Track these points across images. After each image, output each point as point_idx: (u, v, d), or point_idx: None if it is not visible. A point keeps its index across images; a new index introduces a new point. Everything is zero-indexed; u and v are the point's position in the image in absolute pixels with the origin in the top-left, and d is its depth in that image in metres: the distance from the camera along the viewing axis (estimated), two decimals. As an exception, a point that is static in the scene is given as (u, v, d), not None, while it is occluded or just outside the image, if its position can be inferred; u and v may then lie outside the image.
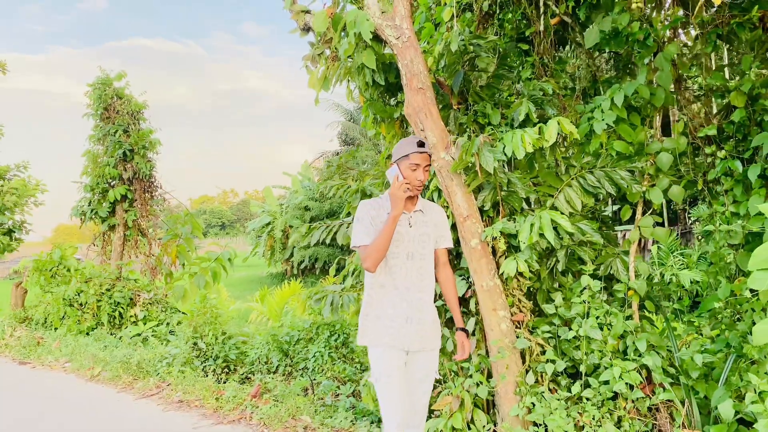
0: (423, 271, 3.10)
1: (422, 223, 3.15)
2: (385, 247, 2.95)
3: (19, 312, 10.33)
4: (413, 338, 3.03)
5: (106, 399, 5.89)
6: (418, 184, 3.07)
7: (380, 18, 4.04)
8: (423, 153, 3.07)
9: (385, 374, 2.99)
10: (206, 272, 7.17)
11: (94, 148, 10.31)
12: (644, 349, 3.82)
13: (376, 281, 3.08)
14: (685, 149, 4.17)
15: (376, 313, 3.06)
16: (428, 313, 3.10)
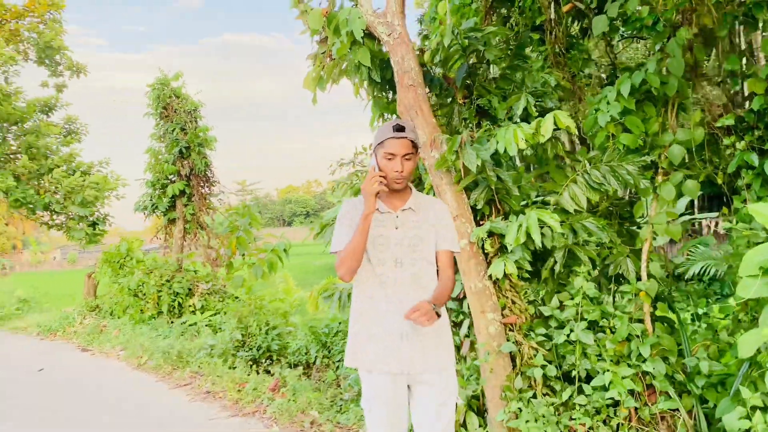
0: (417, 279, 2.59)
1: (413, 224, 2.63)
2: (357, 252, 2.50)
3: (91, 301, 11.05)
4: (412, 358, 2.51)
5: (143, 387, 6.22)
6: (396, 177, 2.53)
7: (373, 15, 4.00)
8: (401, 139, 2.52)
9: (375, 405, 2.56)
10: (263, 263, 7.41)
11: (155, 145, 10.82)
12: (648, 354, 3.63)
13: (365, 292, 2.61)
14: (702, 141, 3.90)
15: (366, 330, 2.58)
16: (430, 327, 2.48)
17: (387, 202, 2.65)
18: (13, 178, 14.51)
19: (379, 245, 2.59)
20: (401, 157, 2.53)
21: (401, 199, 2.66)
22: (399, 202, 2.66)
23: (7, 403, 5.81)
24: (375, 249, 2.59)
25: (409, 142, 2.55)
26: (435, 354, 2.57)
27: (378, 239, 2.59)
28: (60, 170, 14.71)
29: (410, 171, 2.57)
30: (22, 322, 11.52)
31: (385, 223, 2.62)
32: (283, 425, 4.62)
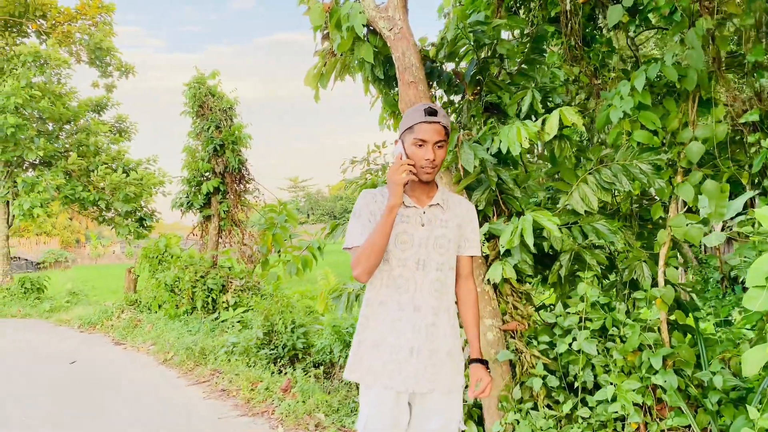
0: (439, 286, 2.31)
1: (440, 222, 2.34)
2: (379, 249, 2.20)
3: (130, 295, 11.33)
4: (420, 377, 2.25)
5: (165, 382, 6.30)
6: (426, 166, 2.24)
7: (374, 10, 3.89)
8: (433, 123, 2.23)
9: (372, 424, 2.28)
10: (297, 260, 7.42)
11: (191, 143, 11.00)
12: (659, 365, 3.40)
13: (377, 296, 2.33)
14: (724, 138, 3.64)
15: (373, 339, 2.30)
16: (443, 343, 2.30)
17: (412, 196, 2.35)
18: (64, 175, 15.04)
19: (401, 243, 2.29)
20: (433, 144, 2.23)
21: (428, 193, 2.36)
22: (425, 196, 2.36)
23: (36, 393, 5.98)
24: (396, 247, 2.29)
25: (441, 128, 2.26)
26: (444, 374, 2.30)
27: (401, 236, 2.29)
28: (104, 167, 15.14)
29: (442, 159, 2.29)
30: (67, 314, 11.92)
31: (409, 218, 2.32)
32: (288, 427, 4.57)
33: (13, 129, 13.38)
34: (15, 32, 17.07)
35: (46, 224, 46.63)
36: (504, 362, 3.47)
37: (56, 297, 14.75)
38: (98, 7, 17.20)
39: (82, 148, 16.09)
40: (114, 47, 17.47)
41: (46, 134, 15.68)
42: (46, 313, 12.76)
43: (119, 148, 17.37)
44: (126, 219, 16.45)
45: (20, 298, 14.70)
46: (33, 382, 6.55)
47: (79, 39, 17.37)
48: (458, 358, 2.38)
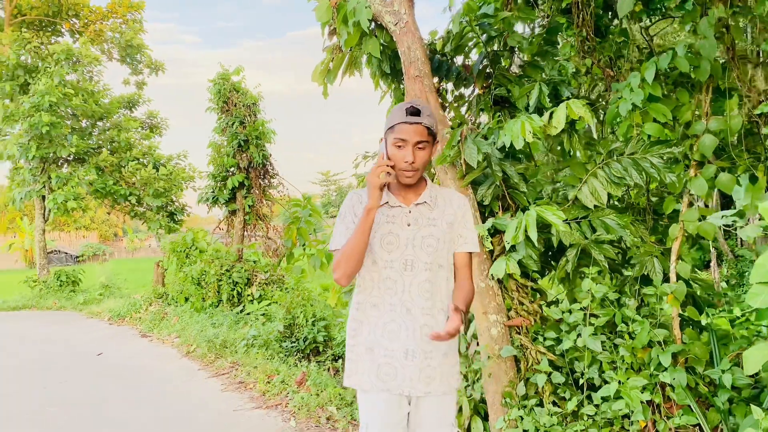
0: (430, 287, 2.23)
1: (427, 222, 2.26)
2: (357, 253, 2.15)
3: (158, 288, 11.57)
4: (415, 380, 2.20)
5: (185, 374, 6.42)
6: (406, 168, 2.16)
7: (380, 4, 3.88)
8: (414, 124, 2.15)
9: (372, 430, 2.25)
10: (321, 254, 7.49)
11: (217, 139, 11.15)
12: (668, 362, 3.34)
13: (368, 299, 2.27)
14: (738, 130, 3.54)
15: (366, 343, 2.25)
16: (438, 344, 2.23)
17: (398, 195, 2.28)
18: (97, 171, 15.39)
19: (387, 244, 2.23)
20: (413, 145, 2.14)
21: (415, 191, 2.29)
22: (412, 195, 2.28)
23: (61, 383, 6.16)
24: (382, 249, 2.23)
25: (423, 129, 2.16)
26: (440, 377, 2.24)
27: (386, 237, 2.23)
28: (135, 163, 15.45)
29: (424, 162, 2.19)
30: (98, 307, 12.23)
31: (395, 218, 2.25)
32: (300, 420, 4.62)
33: (47, 127, 13.73)
34: (49, 32, 17.51)
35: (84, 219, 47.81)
36: (508, 358, 3.45)
37: (90, 290, 15.14)
38: (128, 6, 17.51)
39: (114, 144, 16.45)
40: (144, 44, 17.79)
41: (79, 131, 16.05)
42: (79, 306, 13.13)
43: (150, 143, 17.69)
44: (157, 213, 16.77)
45: (56, 291, 15.13)
46: (59, 372, 6.75)
47: (110, 37, 17.73)
48: (454, 359, 2.32)
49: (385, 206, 2.26)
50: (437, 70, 4.27)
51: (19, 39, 15.29)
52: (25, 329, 10.32)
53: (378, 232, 2.23)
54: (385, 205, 2.26)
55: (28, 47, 15.16)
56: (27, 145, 14.18)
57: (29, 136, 14.16)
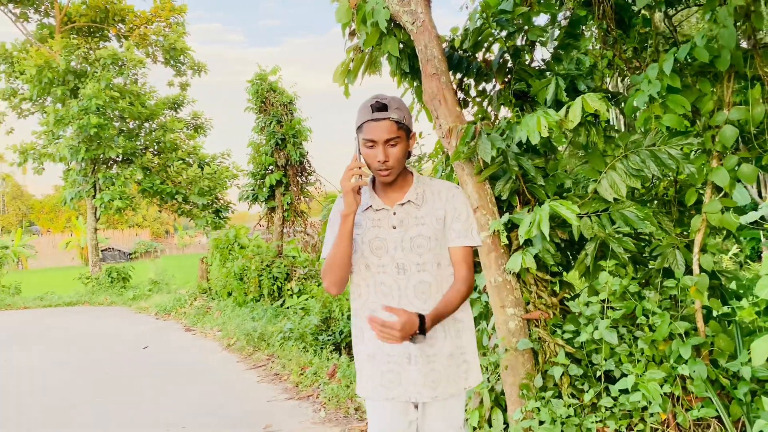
0: (426, 288, 2.12)
1: (415, 221, 2.13)
2: (340, 261, 2.06)
3: (203, 284, 11.94)
4: (420, 385, 2.11)
5: (225, 366, 6.67)
6: (379, 168, 2.05)
7: (398, 4, 3.95)
8: (382, 121, 2.02)
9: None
10: None
11: (256, 138, 11.41)
12: (688, 355, 3.33)
13: (365, 306, 2.17)
14: (761, 120, 3.49)
15: (367, 350, 2.17)
16: (442, 346, 2.14)
17: (383, 196, 2.17)
18: (143, 171, 15.93)
19: (377, 249, 2.13)
20: (383, 143, 2.02)
21: (400, 190, 2.16)
22: (397, 194, 2.16)
23: (108, 375, 6.49)
24: (372, 254, 2.13)
25: (392, 124, 2.02)
26: (446, 379, 2.15)
27: (374, 242, 2.13)
28: (180, 163, 15.92)
29: (398, 158, 2.06)
30: (146, 302, 12.70)
31: (380, 222, 2.14)
32: (330, 410, 4.76)
33: (95, 129, 14.28)
34: (97, 37, 18.17)
35: (136, 217, 49.44)
36: (525, 351, 3.49)
37: (139, 286, 15.71)
38: (171, 9, 18.01)
39: (160, 144, 16.98)
40: (187, 47, 18.27)
41: (127, 132, 16.64)
42: (129, 301, 13.65)
43: (194, 144, 18.19)
44: (203, 211, 17.26)
45: (107, 287, 15.76)
46: (107, 364, 7.10)
47: (154, 40, 18.28)
48: (461, 359, 2.20)
49: (370, 210, 2.16)
50: (457, 67, 4.33)
51: (68, 45, 15.94)
52: (77, 324, 10.82)
53: (366, 237, 2.14)
54: (369, 209, 2.16)
55: (77, 53, 15.78)
56: (77, 147, 14.78)
57: (79, 139, 14.76)
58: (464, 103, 4.51)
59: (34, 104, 17.35)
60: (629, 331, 3.54)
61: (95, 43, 17.99)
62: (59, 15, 17.49)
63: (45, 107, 16.68)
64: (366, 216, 2.17)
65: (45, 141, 16.35)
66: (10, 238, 27.31)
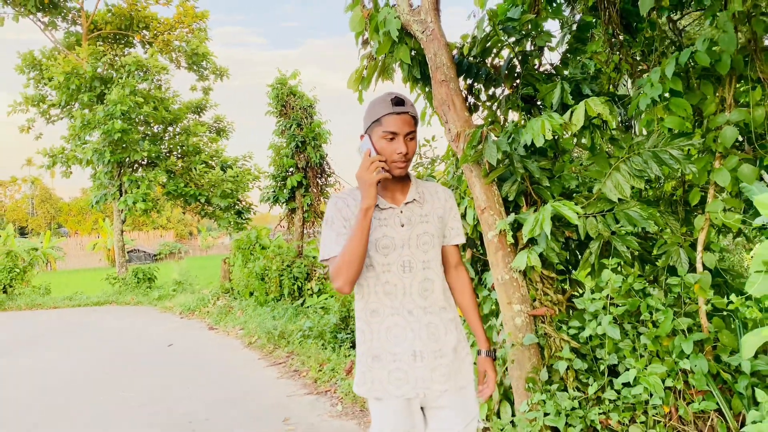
0: (429, 285, 2.19)
1: (420, 219, 2.21)
2: (358, 257, 2.05)
3: (225, 284, 12.21)
4: (428, 380, 2.14)
5: (246, 363, 6.88)
6: (398, 160, 2.11)
7: (409, 14, 4.12)
8: (402, 114, 2.10)
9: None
10: None
11: (276, 141, 11.66)
12: (690, 350, 3.45)
13: (368, 305, 2.19)
14: (762, 122, 3.59)
15: (372, 351, 2.17)
16: (447, 340, 2.20)
17: (386, 195, 2.21)
18: (167, 174, 16.29)
19: (383, 248, 2.15)
20: (404, 136, 2.09)
21: (402, 189, 2.23)
22: (400, 193, 2.22)
23: (135, 370, 6.75)
24: (378, 253, 2.15)
25: (410, 118, 2.12)
26: (455, 372, 2.20)
27: (381, 241, 2.15)
28: (203, 167, 16.26)
29: (414, 152, 2.16)
30: (171, 302, 13.01)
31: (387, 220, 2.17)
32: (346, 404, 4.94)
33: (119, 133, 14.66)
34: (122, 44, 18.61)
35: (161, 219, 50.20)
36: (531, 346, 3.63)
37: (164, 286, 16.07)
38: (193, 16, 18.38)
39: (183, 148, 17.35)
40: (209, 52, 18.63)
41: (151, 136, 17.03)
42: (154, 301, 14.00)
43: (217, 147, 18.54)
44: (225, 212, 17.59)
45: (133, 287, 16.14)
46: (133, 361, 7.37)
47: (177, 46, 18.67)
48: (465, 351, 2.28)
49: (375, 209, 2.17)
50: (467, 72, 4.47)
51: (95, 52, 16.37)
52: (105, 322, 11.16)
53: (372, 237, 2.16)
54: (375, 208, 2.15)
55: (103, 60, 16.20)
56: (102, 150, 15.18)
57: (104, 143, 15.15)
58: (474, 107, 4.65)
59: (62, 110, 17.83)
60: (634, 327, 3.66)
61: (120, 49, 18.45)
62: (86, 23, 17.96)
63: (73, 113, 17.15)
64: None
65: (72, 145, 16.80)
66: (39, 240, 27.97)
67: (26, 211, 57.11)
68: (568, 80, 3.99)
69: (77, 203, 56.50)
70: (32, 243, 22.76)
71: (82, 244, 40.35)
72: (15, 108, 17.77)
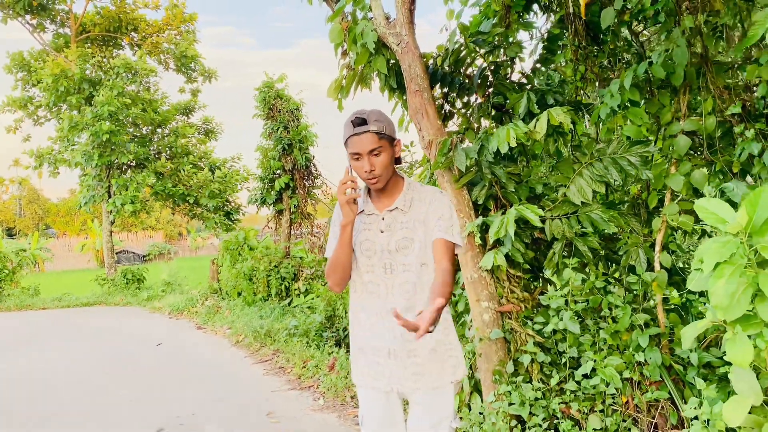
0: (410, 287, 2.29)
1: (401, 225, 2.31)
2: (341, 264, 2.26)
3: (213, 284, 12.39)
4: (402, 377, 2.29)
5: (233, 361, 7.10)
6: (368, 178, 2.23)
7: (385, 27, 4.34)
8: (363, 134, 2.18)
9: (367, 422, 2.40)
10: None
11: (264, 143, 11.85)
12: (646, 343, 3.70)
13: (357, 302, 2.39)
14: (713, 130, 3.85)
15: (358, 343, 2.39)
16: (423, 342, 2.28)
17: (375, 201, 2.37)
18: (156, 176, 16.43)
19: (366, 251, 2.32)
20: (367, 154, 2.18)
21: (390, 196, 2.34)
22: (388, 200, 2.34)
23: (125, 369, 6.94)
24: (362, 255, 2.32)
25: (373, 136, 2.18)
26: (428, 372, 2.30)
27: (364, 244, 2.32)
28: (191, 168, 16.42)
29: (385, 166, 2.22)
30: (160, 302, 13.18)
31: (370, 225, 2.33)
32: (328, 398, 5.16)
33: (107, 135, 14.79)
34: (111, 46, 18.72)
35: (150, 219, 50.16)
36: (498, 340, 3.87)
37: (153, 287, 16.22)
38: (182, 18, 18.53)
39: (172, 150, 17.50)
40: (197, 54, 18.79)
41: (140, 138, 17.17)
42: (143, 302, 14.15)
43: (205, 148, 18.70)
44: (213, 213, 17.75)
45: (123, 288, 16.28)
46: (123, 359, 7.56)
47: (166, 48, 18.81)
48: (447, 354, 2.35)
49: (362, 214, 2.35)
50: (442, 81, 4.70)
51: (83, 54, 16.49)
52: (94, 323, 11.31)
53: (357, 239, 2.33)
54: (362, 213, 2.35)
55: (91, 62, 16.32)
56: (90, 153, 15.30)
57: (92, 145, 15.27)
58: (450, 114, 4.89)
59: (50, 111, 17.93)
60: (595, 322, 3.91)
61: (109, 51, 18.57)
62: (74, 25, 18.07)
63: (61, 114, 17.25)
64: (359, 219, 2.35)
65: (60, 147, 16.90)
66: (27, 241, 27.98)
67: (14, 212, 56.88)
68: (533, 90, 4.22)
69: (65, 204, 56.30)
70: (20, 244, 22.82)
71: (71, 245, 40.30)
72: (2, 108, 17.85)
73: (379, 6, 4.37)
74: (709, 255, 2.54)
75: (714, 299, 2.44)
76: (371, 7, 4.38)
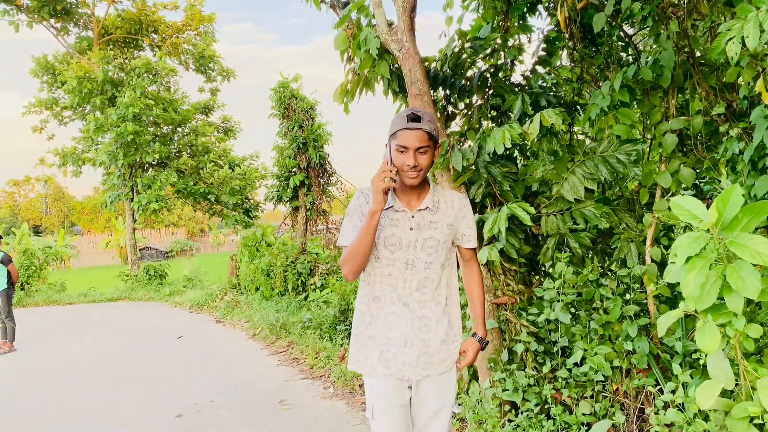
0: (428, 282, 2.43)
1: (429, 225, 2.42)
2: (362, 253, 2.32)
3: (232, 279, 12.74)
4: (414, 365, 2.41)
5: (250, 353, 7.40)
6: (409, 172, 2.29)
7: (387, 33, 4.57)
8: (415, 130, 2.27)
9: (379, 412, 2.46)
10: None
11: (280, 142, 12.15)
12: (635, 333, 3.89)
13: (371, 292, 2.46)
14: (700, 129, 4.02)
15: (368, 332, 2.45)
16: (436, 333, 2.44)
17: (403, 199, 2.44)
18: (177, 174, 16.84)
19: (391, 245, 2.40)
20: (414, 150, 2.27)
21: (418, 196, 2.44)
22: (416, 200, 2.44)
23: (147, 360, 7.28)
24: (386, 249, 2.40)
25: (424, 134, 2.28)
26: (438, 360, 2.46)
27: (390, 239, 2.40)
28: (212, 165, 16.81)
29: (426, 165, 2.33)
30: (181, 297, 13.57)
31: (398, 222, 2.41)
32: (338, 387, 5.42)
33: (132, 135, 15.22)
34: (132, 47, 19.18)
35: (172, 216, 50.95)
36: (493, 329, 4.09)
37: (175, 282, 16.65)
38: (200, 19, 18.91)
39: (193, 148, 17.92)
40: (215, 54, 19.17)
41: (161, 137, 17.60)
42: (165, 297, 14.57)
43: (224, 146, 19.09)
44: (233, 210, 18.15)
45: (145, 284, 16.74)
46: (145, 351, 7.90)
47: (185, 49, 19.22)
48: (454, 345, 2.53)
49: (390, 210, 2.41)
50: (443, 84, 4.92)
51: (106, 56, 16.94)
52: (119, 317, 11.73)
53: (382, 234, 2.40)
54: (390, 209, 2.40)
55: (113, 63, 16.77)
56: (115, 152, 15.75)
57: (117, 145, 15.72)
58: (452, 115, 5.11)
59: (75, 112, 18.44)
60: (588, 314, 4.11)
61: (130, 53, 19.04)
62: (97, 28, 18.55)
63: (85, 115, 17.73)
64: (385, 215, 2.41)
65: (84, 146, 17.39)
66: (53, 239, 28.72)
67: (40, 209, 58.14)
68: (528, 92, 4.42)
69: (90, 202, 57.38)
70: (46, 241, 23.44)
71: (95, 242, 41.13)
72: (29, 109, 18.40)
73: (382, 14, 4.60)
74: (682, 249, 2.75)
75: (686, 290, 2.62)
76: (374, 14, 4.61)
